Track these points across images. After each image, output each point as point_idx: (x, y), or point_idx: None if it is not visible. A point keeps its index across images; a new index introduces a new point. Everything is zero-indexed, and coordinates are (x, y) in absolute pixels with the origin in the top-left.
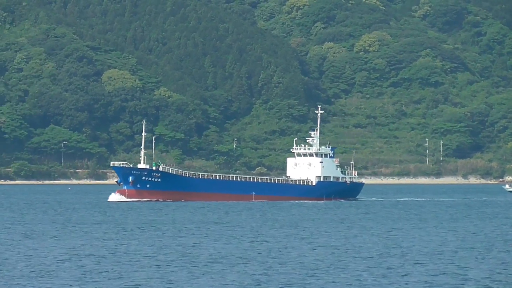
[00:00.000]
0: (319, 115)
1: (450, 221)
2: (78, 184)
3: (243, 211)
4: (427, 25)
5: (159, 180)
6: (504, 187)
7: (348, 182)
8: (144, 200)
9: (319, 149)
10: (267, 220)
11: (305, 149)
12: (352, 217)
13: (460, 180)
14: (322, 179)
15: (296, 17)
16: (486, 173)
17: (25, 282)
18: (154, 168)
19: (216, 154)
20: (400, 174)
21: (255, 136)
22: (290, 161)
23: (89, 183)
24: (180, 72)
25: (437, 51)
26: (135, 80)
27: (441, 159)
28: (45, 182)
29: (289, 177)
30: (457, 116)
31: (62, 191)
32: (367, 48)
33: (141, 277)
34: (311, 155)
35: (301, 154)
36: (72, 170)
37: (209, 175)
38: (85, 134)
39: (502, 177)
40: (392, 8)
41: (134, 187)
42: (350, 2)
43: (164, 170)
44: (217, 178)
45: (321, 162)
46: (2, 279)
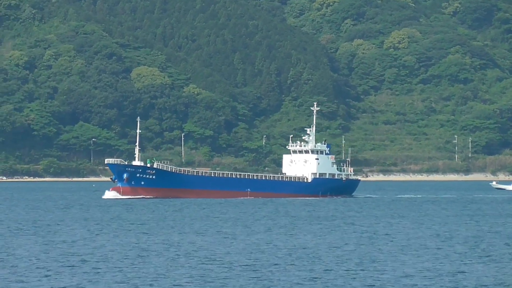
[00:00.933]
0: (314, 112)
1: (420, 218)
2: (107, 181)
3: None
4: (456, 22)
5: (154, 177)
6: (492, 184)
7: (344, 179)
8: (138, 197)
9: (315, 146)
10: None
11: (301, 146)
12: (324, 214)
13: (489, 177)
14: (317, 176)
15: (326, 14)
16: None
17: None
18: (148, 165)
19: (245, 151)
20: (429, 171)
21: (284, 133)
22: (286, 158)
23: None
24: (210, 69)
25: (466, 48)
26: (164, 77)
27: (470, 155)
28: (74, 179)
29: (285, 174)
30: (486, 113)
31: (83, 188)
32: (396, 45)
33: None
34: (306, 152)
35: (297, 151)
36: (101, 167)
37: (203, 172)
38: (114, 131)
39: None
40: (422, 5)
41: (128, 184)
42: None
43: (158, 167)
44: (212, 175)
45: (317, 159)
46: None
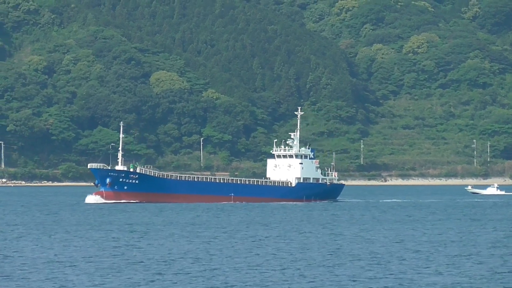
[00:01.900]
0: (299, 116)
1: (391, 223)
2: None
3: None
4: (476, 27)
5: (137, 181)
6: (466, 188)
7: (328, 183)
8: (121, 201)
9: (299, 151)
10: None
11: (285, 150)
12: (294, 218)
13: (508, 181)
14: (301, 181)
15: (345, 19)
16: None
17: None
18: (131, 170)
19: (263, 156)
20: (448, 175)
21: (303, 138)
22: (270, 162)
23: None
24: (228, 73)
25: (485, 52)
26: (183, 82)
27: (488, 160)
28: (92, 184)
29: (269, 178)
30: (505, 117)
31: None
32: (415, 49)
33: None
34: (291, 156)
35: (281, 155)
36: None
37: (187, 176)
38: (133, 136)
39: None
40: (441, 10)
41: (111, 188)
42: (399, 3)
43: (141, 172)
44: (195, 180)
45: (301, 164)
46: None
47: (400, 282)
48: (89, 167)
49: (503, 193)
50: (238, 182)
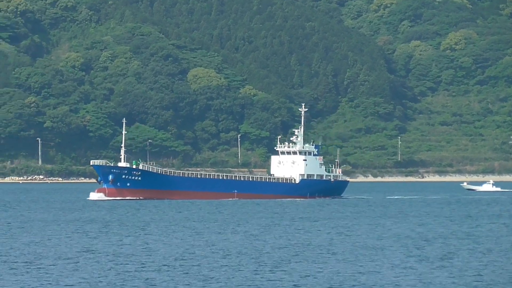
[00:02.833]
0: (302, 113)
1: (378, 219)
2: None
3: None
4: None
5: (139, 178)
6: (462, 184)
7: (332, 180)
8: (124, 198)
9: (302, 147)
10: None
11: (289, 147)
12: (287, 215)
13: None
14: (305, 177)
15: (383, 16)
16: None
17: None
18: (134, 166)
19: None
20: (485, 172)
21: (341, 134)
22: (274, 159)
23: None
24: (266, 70)
25: None
26: (220, 79)
27: None
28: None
29: (272, 175)
30: None
31: None
32: (453, 46)
33: None
34: (294, 153)
35: (284, 152)
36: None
37: (190, 173)
38: (170, 133)
39: None
40: (479, 7)
41: (114, 185)
42: (437, 0)
43: (144, 169)
44: (199, 177)
45: (305, 160)
46: None
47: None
48: (91, 163)
49: (498, 189)
50: (242, 179)
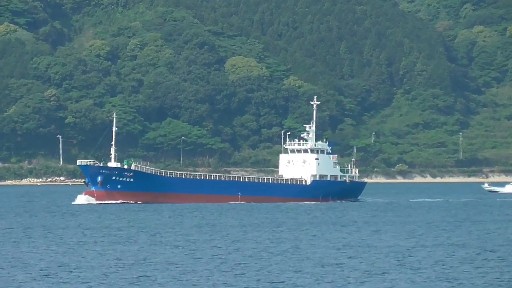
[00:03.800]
0: (314, 106)
1: (374, 225)
2: None
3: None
4: None
5: (132, 180)
6: (483, 186)
7: (347, 181)
8: (115, 202)
9: (314, 145)
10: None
11: (299, 144)
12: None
13: None
14: (317, 178)
15: None
16: None
17: None
18: (125, 166)
19: (351, 150)
20: None
21: (396, 130)
22: (282, 158)
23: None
24: (312, 59)
25: None
26: (261, 68)
27: None
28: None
29: (281, 176)
30: None
31: None
32: None
33: None
34: (305, 151)
35: (294, 150)
36: (191, 169)
37: (188, 174)
38: (206, 129)
39: None
40: None
41: (103, 188)
42: None
43: (136, 169)
44: (198, 178)
45: (317, 159)
46: None
47: None
48: (77, 163)
49: None
50: (246, 180)
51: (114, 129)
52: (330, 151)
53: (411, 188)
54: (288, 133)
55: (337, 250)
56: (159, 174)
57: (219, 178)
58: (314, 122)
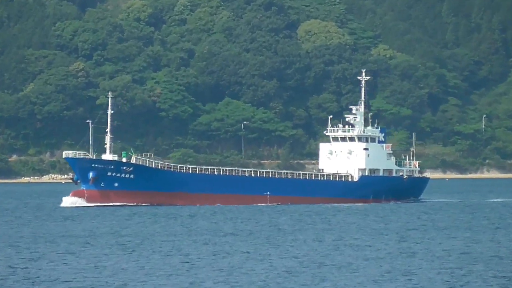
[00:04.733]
0: (363, 82)
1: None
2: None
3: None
4: None
5: (132, 176)
6: None
7: (405, 176)
8: (110, 204)
9: (363, 131)
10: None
11: (344, 131)
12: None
13: None
14: (367, 173)
15: None
16: None
17: None
18: (124, 159)
19: (457, 137)
20: None
21: (510, 112)
22: (323, 148)
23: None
24: (407, 23)
25: None
26: (343, 35)
27: None
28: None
29: (322, 170)
30: None
31: None
32: None
33: None
34: (352, 139)
35: (338, 138)
36: (255, 161)
37: (203, 168)
38: (273, 111)
39: None
40: None
41: (96, 186)
42: None
43: (138, 163)
44: (216, 173)
45: (366, 149)
46: None
47: None
48: (64, 156)
49: None
50: (277, 176)
51: (110, 111)
52: (383, 139)
53: None
54: (330, 116)
55: None
56: (167, 169)
57: (242, 174)
58: (362, 102)
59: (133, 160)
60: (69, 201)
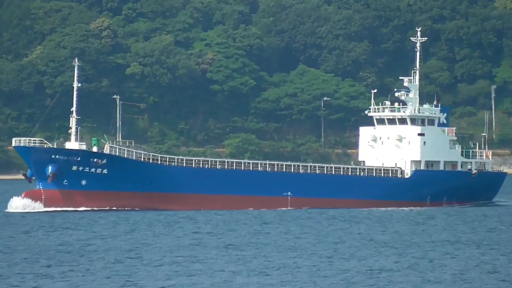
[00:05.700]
0: (418, 45)
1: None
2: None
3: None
4: None
5: (105, 171)
6: None
7: (474, 171)
8: (76, 209)
9: (418, 110)
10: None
11: (393, 110)
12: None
13: None
14: (423, 167)
15: None
16: None
17: None
18: (94, 149)
19: None
20: None
21: None
22: (364, 133)
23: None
24: None
25: None
26: None
27: None
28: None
29: (362, 163)
30: None
31: None
32: None
33: None
34: (402, 121)
35: (384, 119)
36: (339, 150)
37: (201, 160)
38: (364, 83)
39: None
40: None
41: (56, 185)
42: None
43: (113, 153)
44: (219, 167)
45: (422, 135)
46: None
47: None
48: (13, 144)
49: None
50: (301, 171)
51: (76, 84)
52: (445, 121)
53: None
54: (374, 91)
55: None
56: (152, 161)
57: (255, 169)
58: (417, 72)
59: (106, 150)
60: (19, 204)
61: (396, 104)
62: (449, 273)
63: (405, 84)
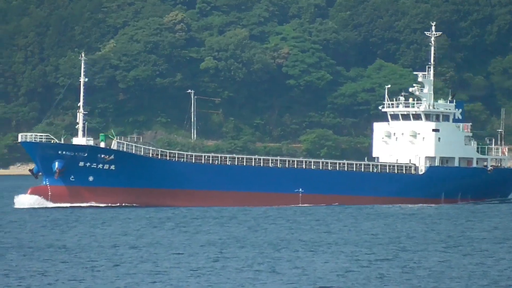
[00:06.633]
0: (432, 39)
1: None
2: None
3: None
4: None
5: (113, 167)
6: None
7: (489, 168)
8: (83, 205)
9: (432, 106)
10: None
11: (407, 105)
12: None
13: None
14: (437, 163)
15: None
16: None
17: None
18: (102, 145)
19: None
20: None
21: None
22: (378, 129)
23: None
24: None
25: None
26: None
27: None
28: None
29: (376, 159)
30: None
31: None
32: None
33: None
34: (417, 117)
35: (398, 115)
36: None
37: (211, 156)
38: (442, 78)
39: None
40: None
41: (63, 181)
42: None
43: (121, 149)
44: (229, 163)
45: (437, 131)
46: None
47: None
48: (19, 139)
49: None
50: (313, 167)
51: (83, 79)
52: (460, 117)
53: None
54: (387, 86)
55: None
56: (160, 157)
57: (265, 165)
58: (432, 66)
59: (114, 145)
60: (26, 200)
61: (411, 100)
62: None
63: (419, 80)
